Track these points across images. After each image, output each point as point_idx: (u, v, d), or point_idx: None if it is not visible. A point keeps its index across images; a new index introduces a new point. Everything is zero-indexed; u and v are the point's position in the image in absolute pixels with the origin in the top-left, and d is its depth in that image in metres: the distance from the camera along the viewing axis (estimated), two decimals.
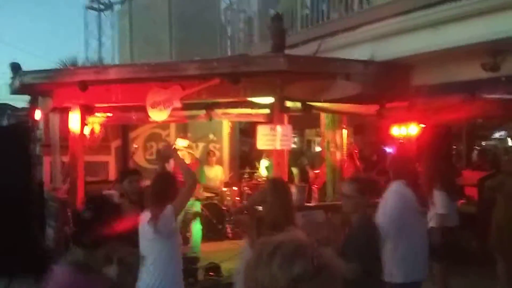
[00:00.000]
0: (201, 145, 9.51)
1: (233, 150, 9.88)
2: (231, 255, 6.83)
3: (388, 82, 6.30)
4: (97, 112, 7.16)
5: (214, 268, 5.92)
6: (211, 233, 8.07)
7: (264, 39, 8.00)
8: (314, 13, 7.81)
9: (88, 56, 17.11)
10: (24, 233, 6.49)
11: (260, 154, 9.15)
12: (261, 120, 6.97)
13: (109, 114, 7.26)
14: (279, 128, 6.16)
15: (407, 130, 8.53)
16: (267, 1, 9.41)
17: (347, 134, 7.94)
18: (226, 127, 9.80)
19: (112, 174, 8.79)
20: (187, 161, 7.08)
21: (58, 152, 7.47)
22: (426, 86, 6.45)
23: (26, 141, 6.77)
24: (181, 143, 7.13)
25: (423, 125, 8.28)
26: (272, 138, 6.24)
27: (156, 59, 8.12)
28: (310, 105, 6.42)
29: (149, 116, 6.93)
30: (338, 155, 7.63)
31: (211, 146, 9.57)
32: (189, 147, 7.13)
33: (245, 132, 10.24)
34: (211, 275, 5.87)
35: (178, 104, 6.52)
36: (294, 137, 12.00)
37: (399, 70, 6.46)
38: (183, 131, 9.55)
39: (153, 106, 6.65)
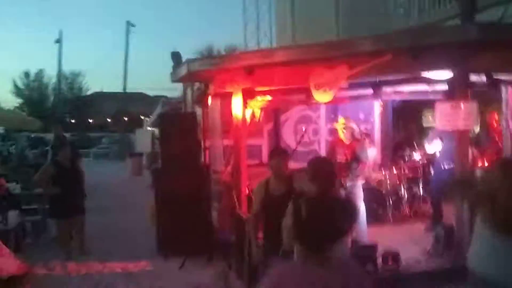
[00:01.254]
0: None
1: (385, 131, 9.37)
2: (396, 240, 6.44)
3: None
4: (258, 95, 7.13)
5: (394, 256, 5.57)
6: (371, 217, 7.70)
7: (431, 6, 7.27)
8: None
9: (246, 41, 16.93)
10: (198, 215, 6.72)
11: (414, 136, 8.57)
12: (434, 98, 6.37)
13: (269, 98, 7.17)
14: (462, 105, 5.58)
15: None
16: None
17: None
18: (377, 107, 9.31)
19: (266, 157, 8.80)
20: (347, 139, 6.79)
21: (219, 136, 7.61)
22: None
23: (195, 127, 6.97)
24: (341, 121, 6.82)
25: None
26: (454, 117, 5.68)
27: (320, 40, 7.77)
28: (497, 79, 5.73)
29: (311, 98, 6.74)
30: None
31: (362, 127, 9.15)
32: (349, 125, 6.79)
33: (398, 113, 9.64)
34: (389, 264, 5.53)
35: (344, 85, 6.22)
36: None
37: None
38: (333, 113, 9.27)
39: (318, 87, 6.42)
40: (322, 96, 6.41)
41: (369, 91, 6.46)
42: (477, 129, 8.33)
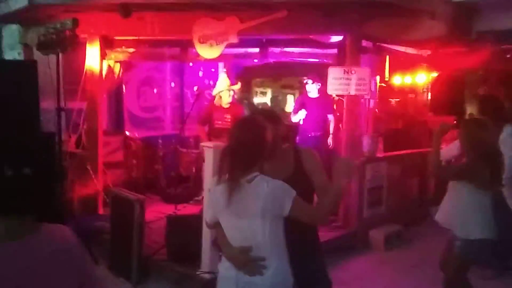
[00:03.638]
0: None
1: None
2: None
3: (464, 25, 5.93)
4: (120, 46, 5.82)
5: None
6: None
7: None
8: None
9: None
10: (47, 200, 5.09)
11: None
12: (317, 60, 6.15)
13: (132, 49, 5.93)
14: (355, 71, 5.50)
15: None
16: None
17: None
18: (222, 71, 8.76)
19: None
20: (228, 103, 6.07)
21: (61, 97, 5.95)
22: (491, 32, 6.18)
23: (34, 81, 5.21)
24: (223, 84, 6.03)
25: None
26: (345, 83, 5.57)
27: None
28: (382, 46, 5.82)
29: (188, 53, 5.83)
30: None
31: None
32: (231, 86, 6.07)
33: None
34: None
35: (234, 40, 5.50)
36: None
37: (468, 13, 6.08)
38: (178, 75, 8.38)
39: (203, 40, 5.54)
40: (207, 51, 5.56)
41: (254, 50, 5.87)
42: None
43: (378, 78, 7.27)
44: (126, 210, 4.63)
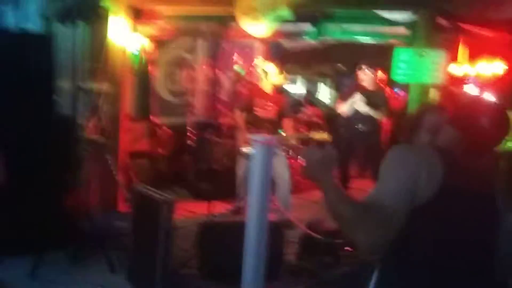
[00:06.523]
0: None
1: None
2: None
3: None
4: (150, 19, 5.00)
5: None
6: None
7: None
8: None
9: None
10: (56, 192, 4.36)
11: None
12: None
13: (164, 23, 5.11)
14: (429, 52, 4.58)
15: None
16: None
17: None
18: (259, 53, 7.89)
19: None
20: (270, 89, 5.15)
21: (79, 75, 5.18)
22: None
23: (49, 57, 4.45)
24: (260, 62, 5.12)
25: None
26: (416, 68, 4.65)
27: None
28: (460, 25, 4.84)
29: (227, 29, 4.98)
30: None
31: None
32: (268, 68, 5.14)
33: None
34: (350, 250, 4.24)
35: (285, 14, 4.61)
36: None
37: None
38: (212, 57, 7.54)
39: (247, 12, 4.68)
40: (254, 27, 4.69)
41: (307, 27, 4.95)
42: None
43: None
44: (151, 212, 3.83)
